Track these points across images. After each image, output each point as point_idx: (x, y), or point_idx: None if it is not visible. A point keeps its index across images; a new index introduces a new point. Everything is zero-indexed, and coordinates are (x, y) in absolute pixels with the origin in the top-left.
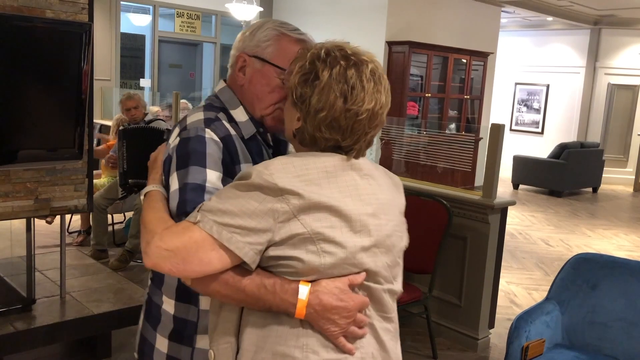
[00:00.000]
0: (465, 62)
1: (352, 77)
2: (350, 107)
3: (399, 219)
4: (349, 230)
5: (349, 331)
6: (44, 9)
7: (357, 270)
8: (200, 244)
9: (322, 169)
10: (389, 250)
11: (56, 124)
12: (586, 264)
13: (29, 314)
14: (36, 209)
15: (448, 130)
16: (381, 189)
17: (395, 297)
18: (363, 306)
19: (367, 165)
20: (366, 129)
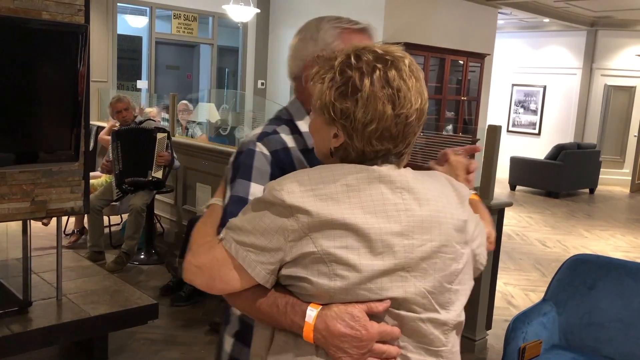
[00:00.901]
0: (462, 63)
1: (395, 79)
2: (399, 112)
3: (451, 238)
4: (368, 251)
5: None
6: (40, 10)
7: (375, 297)
8: (222, 262)
9: (342, 182)
10: (427, 275)
11: (52, 125)
12: (583, 265)
13: (25, 317)
14: (32, 211)
15: (445, 132)
16: (421, 204)
17: (446, 328)
18: (383, 336)
19: (404, 176)
20: (415, 130)
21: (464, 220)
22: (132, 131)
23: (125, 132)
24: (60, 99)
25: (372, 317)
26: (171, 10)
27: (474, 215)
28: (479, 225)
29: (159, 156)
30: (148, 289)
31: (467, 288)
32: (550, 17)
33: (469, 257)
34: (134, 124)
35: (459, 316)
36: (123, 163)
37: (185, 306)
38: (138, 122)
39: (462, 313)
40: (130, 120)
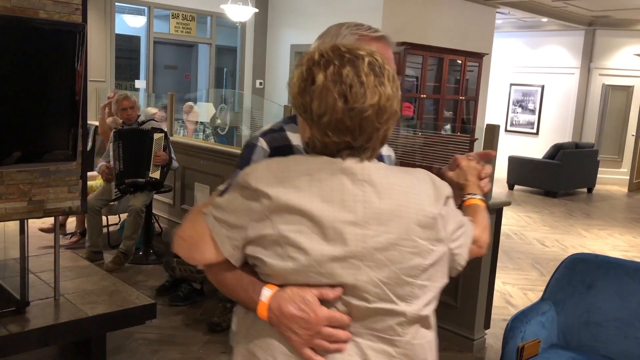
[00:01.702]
0: (460, 63)
1: (349, 75)
2: (352, 106)
3: (412, 233)
4: (320, 237)
5: (314, 343)
6: (37, 9)
7: (327, 281)
8: (201, 234)
9: (305, 172)
10: (382, 265)
11: (50, 125)
12: (581, 264)
13: (23, 317)
14: (30, 210)
15: (443, 131)
16: (381, 197)
17: (403, 319)
18: (331, 321)
19: (367, 169)
20: (376, 125)
21: (433, 217)
22: (133, 132)
23: (126, 132)
24: (58, 98)
25: (324, 303)
26: (169, 9)
27: (457, 217)
28: (464, 227)
29: (155, 156)
30: (146, 289)
31: (437, 285)
32: (548, 17)
33: (443, 255)
34: (136, 123)
35: (422, 310)
36: (123, 163)
37: (184, 306)
38: (140, 123)
39: (428, 308)
40: (134, 120)
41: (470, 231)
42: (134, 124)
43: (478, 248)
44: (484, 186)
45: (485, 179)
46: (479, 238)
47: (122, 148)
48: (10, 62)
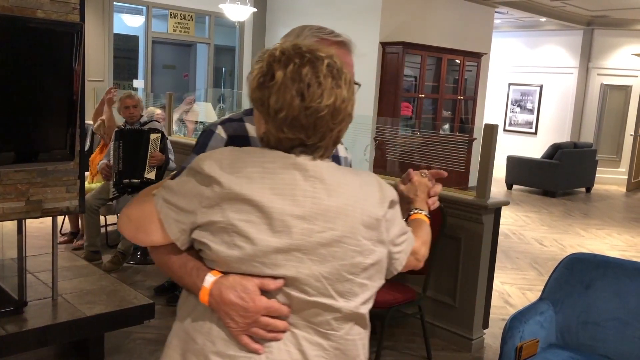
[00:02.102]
0: (459, 62)
1: (308, 75)
2: (308, 104)
3: (357, 232)
4: (267, 228)
5: (252, 331)
6: (35, 9)
7: (270, 272)
8: (148, 215)
9: (260, 164)
10: (325, 260)
11: (47, 124)
12: (580, 264)
13: (21, 317)
14: (27, 210)
15: (442, 131)
16: (330, 194)
17: (339, 315)
18: (269, 311)
19: (319, 167)
20: (330, 125)
21: (377, 218)
22: (134, 132)
23: (128, 133)
24: (56, 98)
25: (265, 293)
26: (168, 9)
27: (402, 223)
28: (407, 234)
29: (151, 157)
30: (144, 289)
31: (375, 285)
32: (547, 17)
33: (383, 257)
34: (138, 123)
35: (359, 308)
36: (122, 163)
37: None
38: (142, 123)
39: (364, 307)
40: (136, 119)
41: (412, 240)
42: (136, 123)
43: (415, 260)
44: (431, 204)
45: (433, 197)
46: (418, 251)
47: (122, 148)
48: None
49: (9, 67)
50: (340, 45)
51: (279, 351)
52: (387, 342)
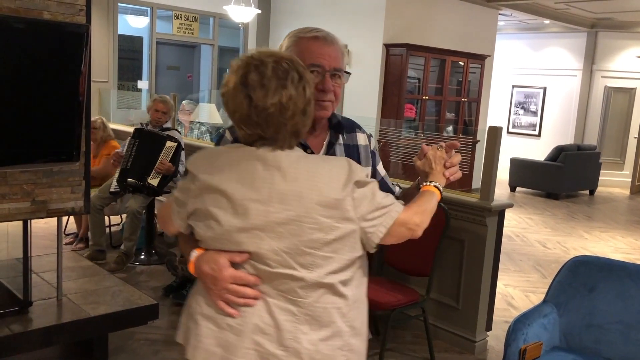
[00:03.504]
0: (462, 64)
1: (253, 79)
2: (256, 104)
3: (313, 211)
4: (232, 211)
5: (225, 298)
6: (42, 10)
7: (235, 248)
8: (167, 212)
9: (228, 158)
10: (282, 237)
11: (53, 125)
12: (584, 266)
13: (26, 317)
14: (33, 210)
15: (445, 133)
16: (286, 180)
17: (304, 284)
18: (236, 280)
19: (278, 157)
20: (281, 120)
21: (336, 199)
22: (152, 134)
23: (146, 134)
24: (61, 98)
25: (237, 266)
26: (172, 10)
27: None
28: (384, 209)
29: (160, 163)
30: (148, 289)
31: (345, 257)
32: (551, 19)
33: (352, 232)
34: (159, 128)
35: (325, 278)
36: (132, 161)
37: None
38: (164, 128)
39: (333, 276)
40: (160, 124)
41: (393, 213)
42: (157, 128)
43: (407, 230)
44: (448, 175)
45: (452, 168)
46: (408, 220)
47: (136, 146)
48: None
49: (16, 68)
50: (315, 40)
51: (252, 315)
52: (390, 344)
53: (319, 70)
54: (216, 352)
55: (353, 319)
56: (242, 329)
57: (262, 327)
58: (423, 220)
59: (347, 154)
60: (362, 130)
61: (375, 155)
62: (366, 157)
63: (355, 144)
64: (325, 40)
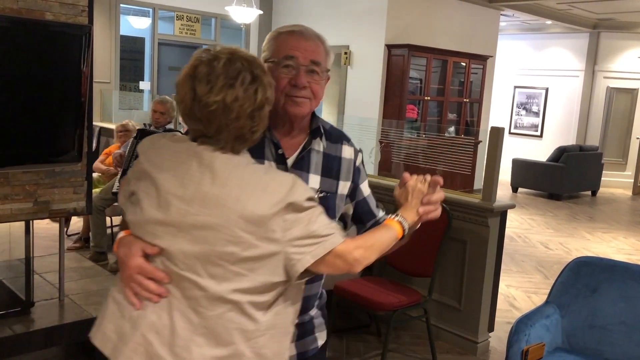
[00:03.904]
0: (464, 65)
1: (200, 74)
2: (199, 99)
3: (233, 223)
4: (155, 202)
5: (130, 285)
6: (44, 11)
7: (150, 239)
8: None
9: (172, 150)
10: (196, 241)
11: (55, 126)
12: (586, 267)
13: (28, 317)
14: (35, 211)
15: (447, 134)
16: (214, 184)
17: (208, 294)
18: (141, 271)
19: (214, 157)
20: (224, 121)
21: (261, 216)
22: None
23: (148, 134)
24: (64, 99)
25: (150, 258)
26: (174, 11)
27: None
28: (316, 239)
29: None
30: None
31: (260, 279)
32: (553, 20)
33: (273, 254)
34: (162, 129)
35: (230, 294)
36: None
37: None
38: (167, 129)
39: (239, 295)
40: (161, 125)
41: (327, 244)
42: (160, 128)
43: (343, 263)
44: (423, 212)
45: (427, 206)
46: (346, 254)
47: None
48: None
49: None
50: (291, 34)
51: (152, 312)
52: (392, 345)
53: (292, 63)
54: (112, 338)
55: (262, 346)
56: (138, 323)
57: (158, 326)
58: (365, 256)
59: (326, 164)
60: (350, 143)
61: (359, 172)
62: (347, 172)
63: (338, 156)
64: (301, 34)
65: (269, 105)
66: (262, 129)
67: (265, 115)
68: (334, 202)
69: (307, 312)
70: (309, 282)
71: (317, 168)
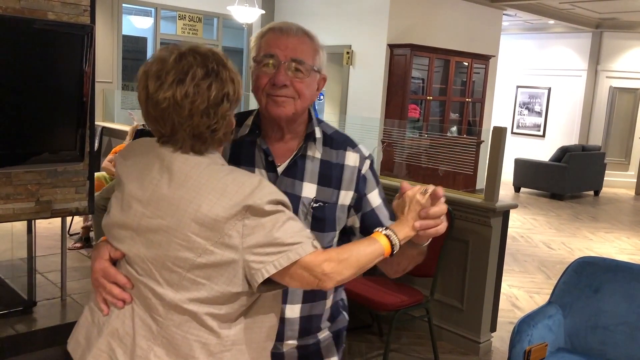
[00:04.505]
0: (466, 65)
1: (152, 70)
2: (151, 96)
3: (185, 227)
4: (119, 205)
5: (97, 289)
6: (46, 11)
7: (115, 243)
8: None
9: (139, 150)
10: (150, 246)
11: (57, 126)
12: (589, 267)
13: (30, 317)
14: (37, 211)
15: (449, 133)
16: (170, 185)
17: (165, 302)
18: (104, 274)
19: (174, 159)
20: (177, 119)
21: (215, 219)
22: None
23: (148, 134)
24: (66, 99)
25: (118, 263)
26: (176, 11)
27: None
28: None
29: None
30: None
31: (217, 288)
32: (555, 19)
33: (231, 262)
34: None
35: (186, 303)
36: None
37: None
38: None
39: (196, 305)
40: None
41: (292, 254)
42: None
43: (312, 276)
44: (419, 227)
45: (425, 221)
46: (313, 266)
47: None
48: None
49: (20, 68)
50: (271, 31)
51: (117, 318)
52: (394, 345)
53: (272, 61)
54: (81, 344)
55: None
56: (103, 329)
57: (121, 333)
58: (337, 270)
59: (323, 171)
60: (356, 149)
61: (365, 181)
62: (350, 181)
63: (340, 163)
64: (282, 31)
65: (231, 102)
66: (225, 128)
67: (225, 112)
68: (332, 213)
69: (310, 334)
70: (309, 301)
71: (313, 176)
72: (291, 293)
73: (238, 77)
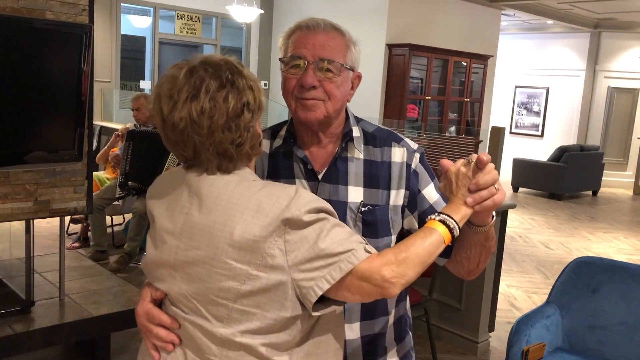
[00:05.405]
0: (465, 65)
1: (163, 90)
2: (166, 118)
3: (222, 253)
4: (154, 242)
5: (146, 336)
6: (44, 10)
7: (156, 283)
8: None
9: (167, 180)
10: (191, 280)
11: (56, 125)
12: (587, 267)
13: (28, 316)
14: (35, 210)
15: (448, 133)
16: (201, 211)
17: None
18: (149, 316)
19: (202, 182)
20: (197, 139)
21: (253, 239)
22: (147, 134)
23: (140, 135)
24: (64, 98)
25: (163, 303)
26: (175, 10)
27: (321, 245)
28: (327, 259)
29: (166, 170)
30: None
31: (271, 316)
32: (554, 19)
33: (279, 284)
34: (152, 125)
35: (239, 336)
36: (131, 165)
37: None
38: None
39: (251, 337)
40: (141, 122)
41: (344, 264)
42: (149, 125)
43: (372, 286)
44: (473, 202)
45: (476, 194)
46: (371, 274)
47: (132, 149)
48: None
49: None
50: (298, 30)
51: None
52: None
53: (300, 63)
54: None
55: None
56: None
57: None
58: (399, 273)
59: (368, 172)
60: (402, 144)
61: (417, 176)
62: (399, 178)
63: (387, 161)
64: (308, 28)
65: (252, 111)
66: (250, 141)
67: (247, 123)
68: (385, 216)
69: (377, 356)
70: (368, 318)
71: (358, 178)
72: (347, 310)
73: (257, 84)
